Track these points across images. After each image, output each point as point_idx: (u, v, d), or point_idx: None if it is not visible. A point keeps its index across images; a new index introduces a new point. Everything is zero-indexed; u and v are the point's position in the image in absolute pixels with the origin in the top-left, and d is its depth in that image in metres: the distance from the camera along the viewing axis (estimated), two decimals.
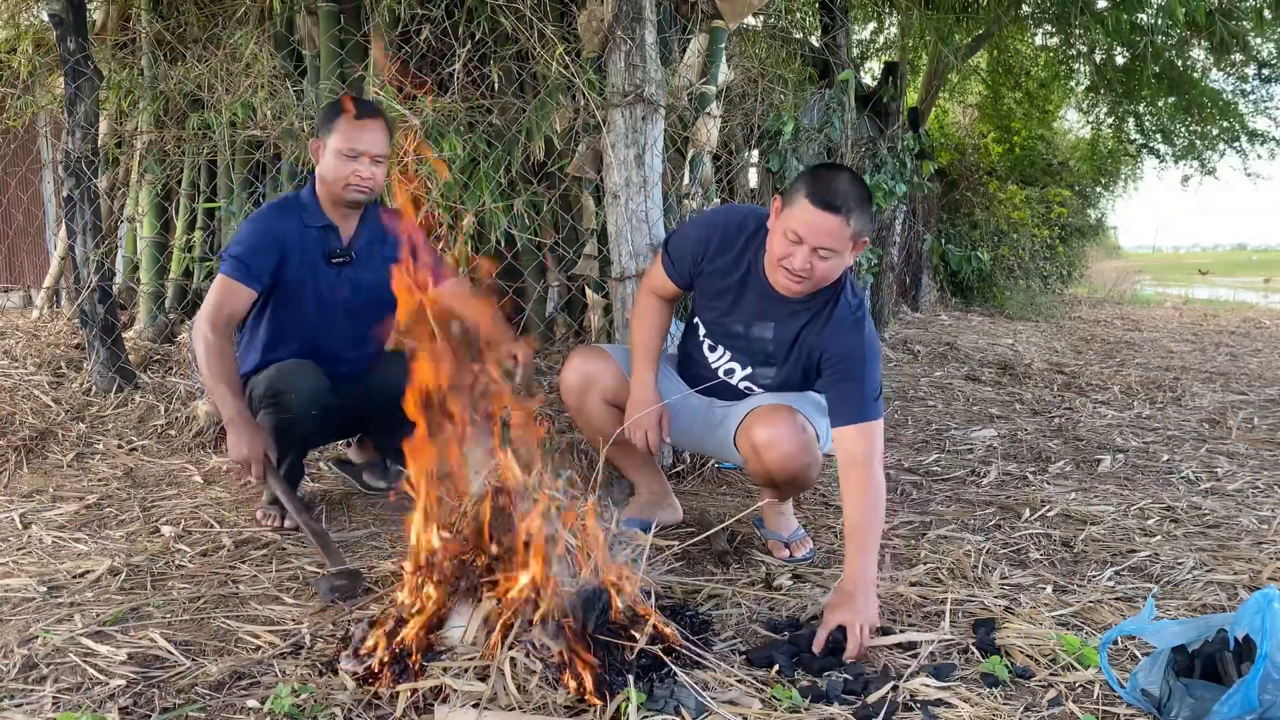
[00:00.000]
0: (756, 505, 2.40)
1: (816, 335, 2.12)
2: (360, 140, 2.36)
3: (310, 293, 2.48)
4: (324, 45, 3.75)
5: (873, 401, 2.03)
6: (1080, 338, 7.73)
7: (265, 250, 2.40)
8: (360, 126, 2.36)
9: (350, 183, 2.39)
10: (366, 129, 2.37)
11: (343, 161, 2.37)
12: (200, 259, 4.18)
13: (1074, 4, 5.71)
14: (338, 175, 2.39)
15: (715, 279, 2.23)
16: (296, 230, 2.45)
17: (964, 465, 3.34)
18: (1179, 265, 30.61)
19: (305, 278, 2.47)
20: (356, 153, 2.36)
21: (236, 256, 2.38)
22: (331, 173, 2.40)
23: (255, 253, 2.39)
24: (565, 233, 3.84)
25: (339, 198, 2.43)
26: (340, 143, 2.36)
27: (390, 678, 1.57)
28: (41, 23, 4.37)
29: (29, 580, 2.09)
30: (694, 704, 1.53)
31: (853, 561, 1.90)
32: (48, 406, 3.43)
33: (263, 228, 2.43)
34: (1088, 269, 13.92)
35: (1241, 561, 2.29)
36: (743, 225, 2.19)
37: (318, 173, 2.45)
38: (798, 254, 1.97)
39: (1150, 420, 4.16)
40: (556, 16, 3.52)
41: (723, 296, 2.23)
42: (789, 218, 1.98)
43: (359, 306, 2.50)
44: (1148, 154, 10.38)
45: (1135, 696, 1.58)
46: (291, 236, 2.44)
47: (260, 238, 2.41)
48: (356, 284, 2.50)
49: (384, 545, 2.40)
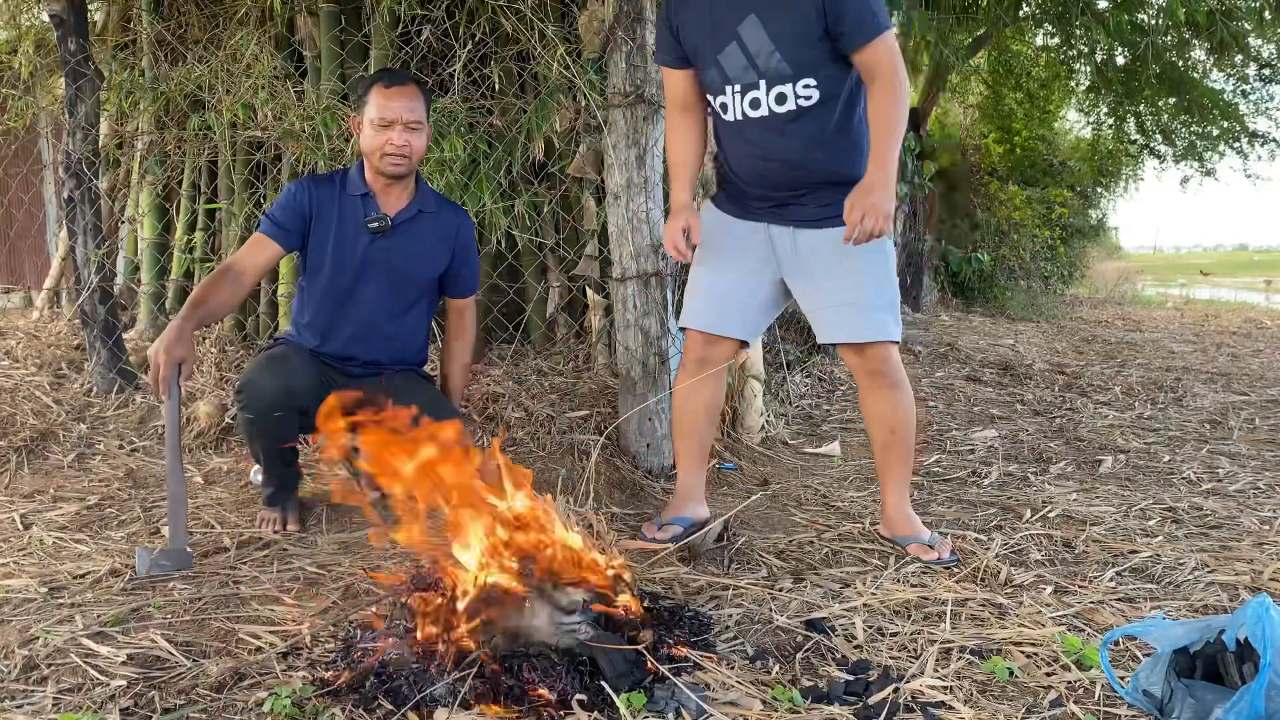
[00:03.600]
0: (744, 504, 2.40)
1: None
2: (391, 108, 2.37)
3: (349, 258, 2.49)
4: (324, 46, 3.75)
5: (877, 13, 2.08)
6: (1081, 338, 7.73)
7: (293, 210, 2.46)
8: (391, 94, 2.38)
9: (385, 152, 2.40)
10: (397, 96, 2.38)
11: (376, 131, 2.40)
12: (201, 260, 4.18)
13: (1074, 4, 5.71)
14: (373, 145, 2.41)
15: (691, 26, 2.26)
16: (332, 197, 2.50)
17: (965, 466, 3.34)
18: (1180, 266, 30.61)
19: (344, 244, 2.49)
20: (388, 121, 2.38)
21: (268, 214, 2.48)
22: (367, 143, 2.43)
23: (284, 210, 2.47)
24: (566, 233, 3.84)
25: (377, 168, 2.45)
26: (373, 113, 2.39)
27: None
28: (42, 24, 4.37)
29: (30, 581, 2.09)
30: (694, 706, 1.53)
31: (873, 158, 2.06)
32: (48, 407, 3.43)
33: (296, 188, 2.50)
34: (1089, 269, 13.92)
35: (1243, 562, 2.29)
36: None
37: (360, 147, 2.49)
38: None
39: (1151, 421, 4.16)
40: (557, 17, 3.52)
41: (701, 27, 2.23)
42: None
43: (395, 276, 2.52)
44: (1148, 154, 10.39)
45: (1136, 697, 1.58)
46: (325, 202, 2.49)
47: (291, 197, 2.48)
48: (391, 253, 2.51)
49: (383, 546, 2.40)
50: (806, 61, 2.14)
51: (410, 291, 2.55)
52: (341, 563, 2.26)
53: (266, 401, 2.35)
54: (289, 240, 2.47)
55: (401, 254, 2.52)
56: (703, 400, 2.49)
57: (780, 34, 2.14)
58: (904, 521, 2.42)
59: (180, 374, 2.16)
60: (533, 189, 3.65)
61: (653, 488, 2.95)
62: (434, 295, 2.65)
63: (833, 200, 2.19)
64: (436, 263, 2.58)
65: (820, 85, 2.16)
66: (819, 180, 2.24)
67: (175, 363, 2.15)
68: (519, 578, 1.63)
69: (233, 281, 2.38)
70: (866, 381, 2.36)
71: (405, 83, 2.42)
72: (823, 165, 2.23)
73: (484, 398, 3.36)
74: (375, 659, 1.62)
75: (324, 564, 2.25)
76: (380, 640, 1.67)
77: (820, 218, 2.25)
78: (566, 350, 3.84)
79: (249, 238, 2.50)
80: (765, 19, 2.14)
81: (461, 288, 2.65)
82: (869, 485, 3.03)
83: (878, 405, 2.37)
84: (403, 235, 2.52)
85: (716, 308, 2.39)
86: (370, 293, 2.51)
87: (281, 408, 2.36)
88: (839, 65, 2.16)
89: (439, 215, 2.57)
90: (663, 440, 3.12)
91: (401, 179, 2.48)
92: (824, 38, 2.11)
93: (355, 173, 2.52)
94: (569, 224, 3.80)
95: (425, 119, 2.45)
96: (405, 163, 2.43)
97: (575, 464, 2.92)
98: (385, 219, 2.48)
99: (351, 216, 2.49)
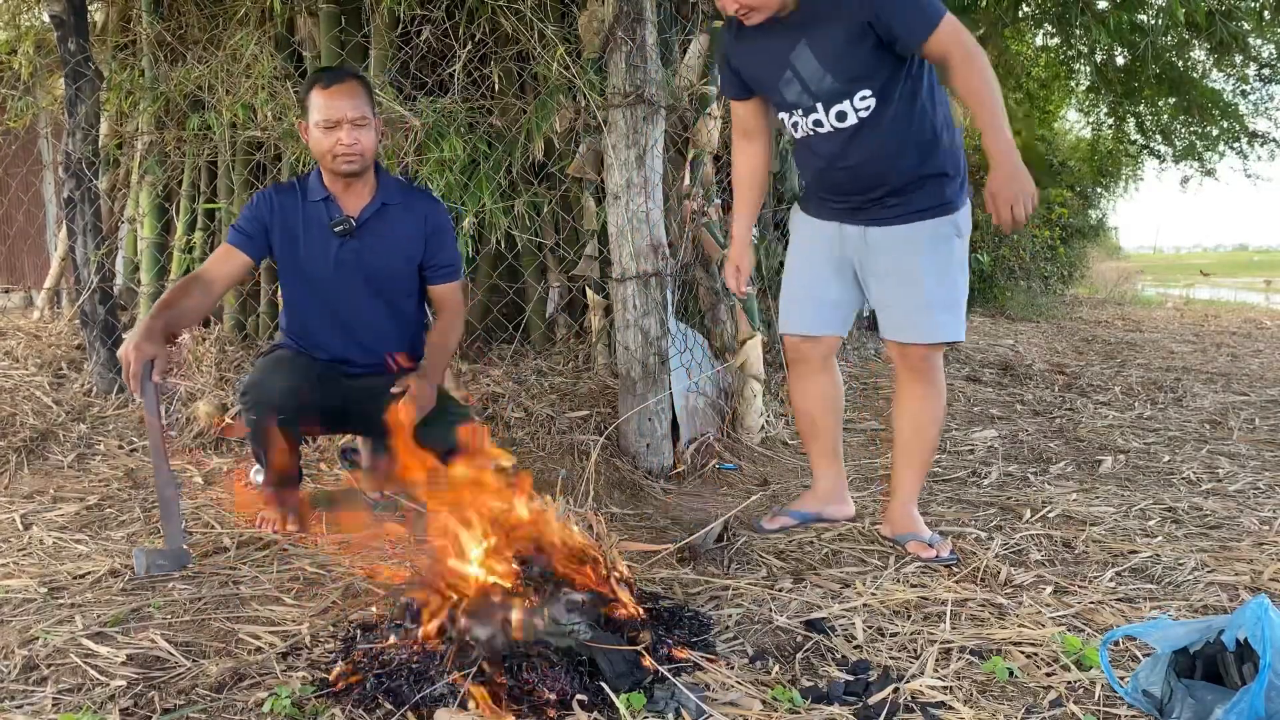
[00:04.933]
0: (744, 504, 2.40)
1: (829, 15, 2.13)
2: (334, 108, 2.34)
3: (321, 265, 2.48)
4: (324, 46, 3.75)
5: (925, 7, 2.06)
6: (1081, 338, 7.73)
7: (255, 220, 2.46)
8: (332, 94, 2.34)
9: (336, 153, 2.37)
10: (338, 95, 2.35)
11: (324, 133, 2.36)
12: (201, 260, 4.18)
13: (1074, 4, 5.71)
14: (323, 148, 2.38)
15: (748, 61, 2.30)
16: (295, 205, 2.48)
17: (965, 466, 3.33)
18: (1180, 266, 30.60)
19: (313, 251, 2.47)
20: (334, 121, 2.35)
21: (234, 224, 2.48)
22: (317, 146, 2.40)
23: (247, 220, 2.47)
24: (566, 234, 3.84)
25: (331, 170, 2.43)
26: (317, 115, 2.36)
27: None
28: (42, 24, 4.37)
29: (30, 581, 2.09)
30: (694, 706, 1.53)
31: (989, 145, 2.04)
32: (48, 407, 3.43)
33: (258, 198, 2.49)
34: (1089, 270, 13.92)
35: (1243, 563, 2.29)
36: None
37: (311, 152, 2.47)
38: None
39: (1151, 421, 4.15)
40: (557, 17, 3.52)
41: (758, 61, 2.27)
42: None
43: (371, 275, 2.50)
44: (1148, 154, 10.37)
45: (1136, 697, 1.58)
46: (288, 210, 2.47)
47: (253, 207, 2.48)
48: (362, 253, 2.49)
49: (383, 547, 2.40)
50: (859, 75, 2.15)
51: (391, 288, 2.52)
52: (341, 563, 2.26)
53: (272, 403, 2.35)
54: (254, 249, 2.45)
55: (373, 251, 2.49)
56: (812, 400, 2.53)
57: (830, 54, 2.15)
58: (907, 520, 2.42)
59: (153, 371, 2.15)
60: (533, 189, 3.64)
61: (652, 488, 2.95)
62: (419, 286, 2.60)
63: (902, 200, 2.24)
64: (411, 253, 2.53)
65: (877, 92, 2.17)
66: (891, 184, 2.25)
67: (146, 360, 2.13)
68: (519, 578, 1.63)
69: (202, 290, 2.37)
70: (904, 376, 2.40)
71: (344, 79, 2.38)
72: (893, 168, 2.24)
73: (484, 398, 3.36)
74: (375, 659, 1.62)
75: (324, 564, 2.25)
76: (380, 640, 1.68)
77: (892, 217, 2.28)
78: (566, 350, 3.84)
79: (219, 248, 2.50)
80: (814, 44, 2.15)
81: (440, 273, 2.57)
82: (868, 485, 3.03)
83: (908, 402, 2.39)
84: (371, 232, 2.49)
85: (801, 309, 2.47)
86: (350, 296, 2.49)
87: (286, 410, 2.36)
88: (892, 66, 2.16)
89: (406, 205, 2.52)
90: (662, 440, 3.12)
91: (359, 176, 2.46)
92: (877, 47, 2.12)
93: (314, 178, 2.49)
94: (569, 224, 3.80)
95: (371, 113, 2.40)
96: (358, 160, 2.39)
97: (575, 464, 2.92)
98: (349, 221, 2.46)
99: (316, 222, 2.47)
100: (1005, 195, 2.00)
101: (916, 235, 2.24)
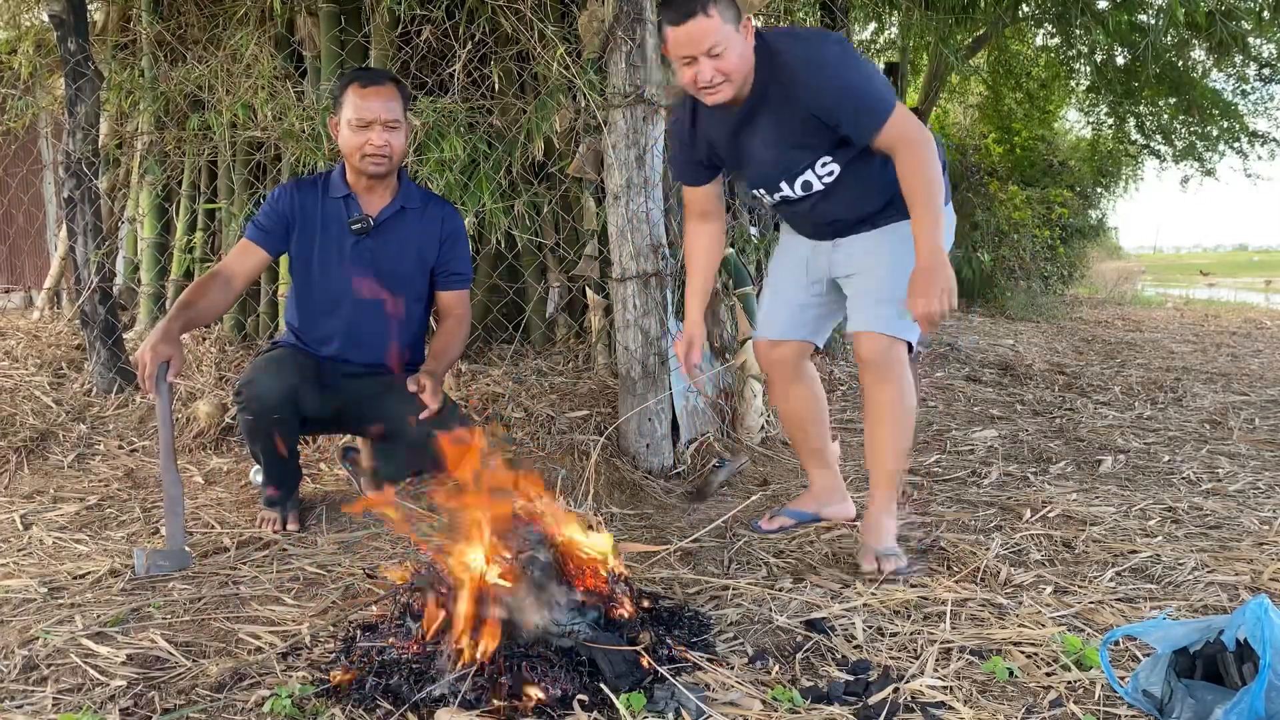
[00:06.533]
0: (744, 504, 2.40)
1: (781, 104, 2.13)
2: (368, 108, 2.37)
3: (335, 261, 2.50)
4: (324, 46, 3.75)
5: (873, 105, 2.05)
6: (1081, 338, 7.73)
7: (275, 215, 2.49)
8: (367, 94, 2.37)
9: (365, 153, 2.40)
10: (374, 96, 2.37)
11: (355, 132, 2.39)
12: (201, 260, 4.18)
13: (1074, 4, 5.71)
14: (352, 146, 2.41)
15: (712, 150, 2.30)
16: (315, 201, 2.50)
17: (965, 466, 3.33)
18: (1180, 266, 30.61)
19: (329, 247, 2.49)
20: (366, 121, 2.37)
21: (253, 220, 2.51)
22: (346, 144, 2.42)
23: (267, 215, 2.49)
24: (566, 233, 3.84)
25: (358, 168, 2.45)
26: (350, 113, 2.38)
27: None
28: (42, 24, 4.37)
29: (30, 581, 2.09)
30: (694, 706, 1.53)
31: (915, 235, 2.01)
32: (48, 407, 3.43)
33: (279, 192, 2.52)
34: (1089, 270, 13.90)
35: (1243, 563, 2.29)
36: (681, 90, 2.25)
37: (339, 148, 2.48)
38: (696, 70, 2.03)
39: (1151, 421, 4.15)
40: (557, 17, 3.52)
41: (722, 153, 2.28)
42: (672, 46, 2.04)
43: (383, 276, 2.50)
44: (1148, 154, 10.39)
45: (1136, 697, 1.58)
46: (308, 206, 2.49)
47: (273, 202, 2.50)
48: (377, 253, 2.51)
49: (384, 547, 2.40)
50: (819, 149, 2.17)
51: (401, 290, 2.53)
52: (341, 563, 2.26)
53: (266, 402, 2.35)
54: (273, 245, 2.48)
55: (387, 253, 2.51)
56: (793, 404, 2.54)
57: (785, 137, 2.17)
58: (875, 530, 2.29)
59: (168, 372, 2.17)
60: (533, 189, 3.64)
61: (652, 488, 2.95)
62: (428, 292, 2.63)
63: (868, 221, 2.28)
64: (424, 258, 2.56)
65: (838, 158, 2.19)
66: (864, 217, 2.29)
67: (161, 361, 2.15)
68: (519, 578, 1.63)
69: (222, 286, 2.39)
70: (867, 378, 2.35)
71: (381, 82, 2.41)
72: (861, 210, 2.28)
73: (484, 398, 3.36)
74: (375, 659, 1.62)
75: (324, 564, 2.25)
76: (380, 640, 1.68)
77: (861, 231, 2.31)
78: (566, 350, 3.84)
79: (237, 243, 2.52)
80: (770, 128, 2.16)
81: (451, 280, 2.60)
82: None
83: (872, 408, 2.33)
84: (387, 234, 2.51)
85: (769, 315, 2.49)
86: (360, 294, 2.50)
87: (281, 409, 2.36)
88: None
89: (424, 210, 2.55)
90: (662, 440, 3.12)
91: (383, 178, 2.48)
92: (833, 127, 2.13)
93: (337, 175, 2.52)
94: (569, 224, 3.80)
95: (403, 117, 2.44)
96: (386, 162, 2.42)
97: (575, 464, 2.92)
98: (367, 220, 2.48)
99: (335, 219, 2.49)
100: (923, 294, 1.99)
101: (882, 236, 2.28)
